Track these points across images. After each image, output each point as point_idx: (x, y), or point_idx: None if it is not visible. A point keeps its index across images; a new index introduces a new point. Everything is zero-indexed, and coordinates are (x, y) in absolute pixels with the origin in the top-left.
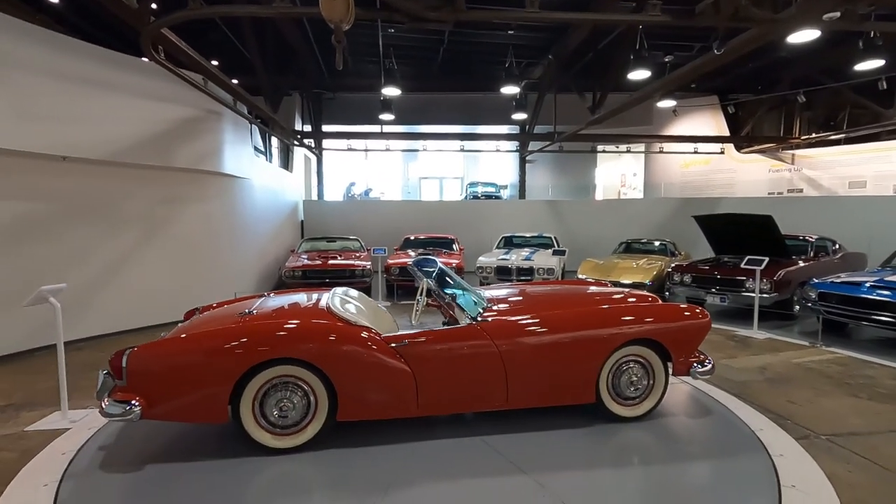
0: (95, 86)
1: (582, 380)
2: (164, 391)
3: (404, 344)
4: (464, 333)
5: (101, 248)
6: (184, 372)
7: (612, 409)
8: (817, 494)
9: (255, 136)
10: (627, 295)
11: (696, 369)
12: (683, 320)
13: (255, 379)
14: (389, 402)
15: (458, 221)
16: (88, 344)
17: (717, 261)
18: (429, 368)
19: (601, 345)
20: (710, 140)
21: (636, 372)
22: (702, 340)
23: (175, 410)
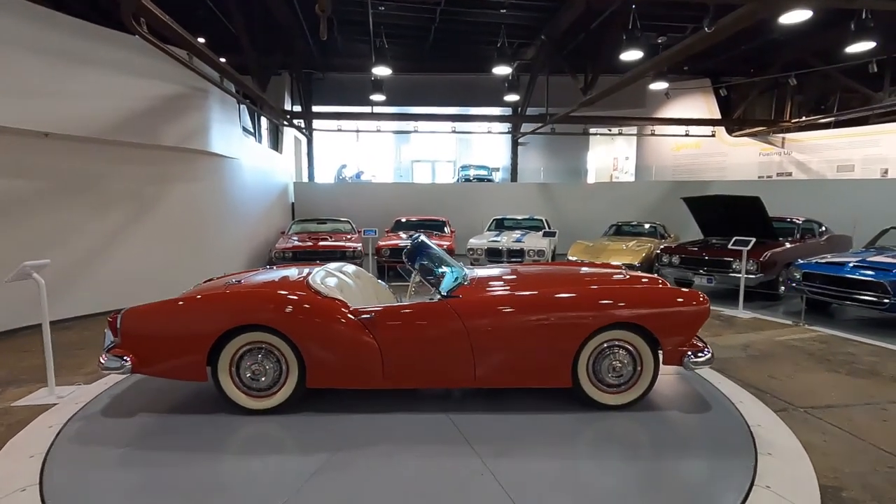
0: (78, 60)
1: (555, 363)
2: (151, 350)
3: (370, 317)
4: (431, 309)
5: (87, 226)
6: (167, 333)
7: (591, 395)
8: (792, 462)
9: (244, 117)
10: (632, 278)
11: (690, 359)
12: (673, 305)
13: (231, 343)
14: (355, 373)
15: (450, 204)
16: (76, 323)
17: (704, 242)
18: (394, 342)
19: (575, 328)
20: (702, 123)
21: (621, 358)
22: (698, 328)
23: (161, 368)
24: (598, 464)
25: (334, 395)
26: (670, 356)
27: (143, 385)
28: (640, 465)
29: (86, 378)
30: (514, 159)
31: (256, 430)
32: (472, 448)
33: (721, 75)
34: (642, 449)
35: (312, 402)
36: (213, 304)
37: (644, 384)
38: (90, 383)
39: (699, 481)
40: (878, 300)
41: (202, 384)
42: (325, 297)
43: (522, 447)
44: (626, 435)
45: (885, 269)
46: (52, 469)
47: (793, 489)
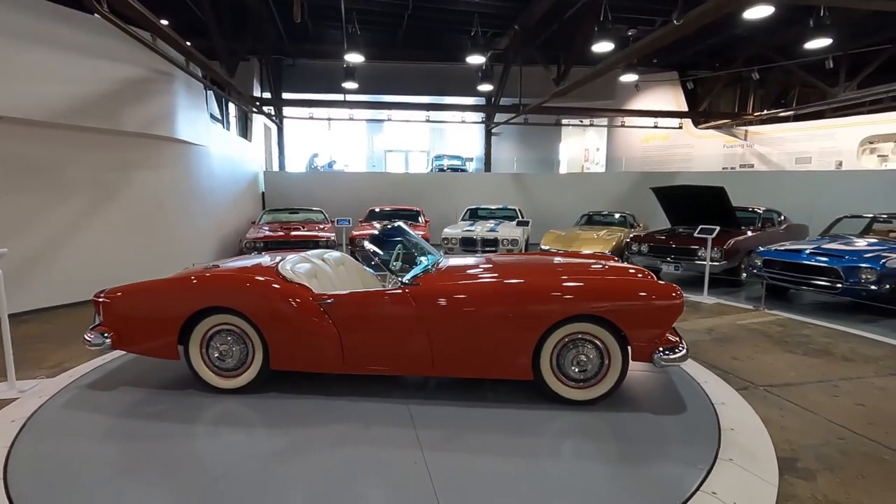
0: (33, 41)
1: (514, 354)
2: (128, 328)
3: (330, 303)
4: (390, 297)
5: (44, 215)
6: (142, 313)
7: (555, 389)
8: (752, 436)
9: (212, 103)
10: (612, 269)
11: (661, 356)
12: (640, 299)
13: (200, 324)
14: (316, 357)
15: (424, 194)
16: (34, 316)
17: (672, 231)
18: (353, 328)
19: (535, 318)
20: (670, 115)
21: (587, 352)
22: (670, 324)
23: (137, 346)
24: (551, 455)
25: (303, 378)
26: (639, 352)
27: (110, 378)
28: (605, 444)
29: (48, 372)
30: (487, 149)
31: (221, 417)
32: (417, 438)
33: (688, 69)
34: (607, 429)
35: (280, 384)
36: (183, 286)
37: (611, 380)
38: (53, 377)
39: (665, 457)
40: (831, 285)
41: (177, 368)
42: (289, 282)
43: (468, 441)
44: (590, 421)
45: (838, 255)
46: (16, 463)
47: (753, 461)
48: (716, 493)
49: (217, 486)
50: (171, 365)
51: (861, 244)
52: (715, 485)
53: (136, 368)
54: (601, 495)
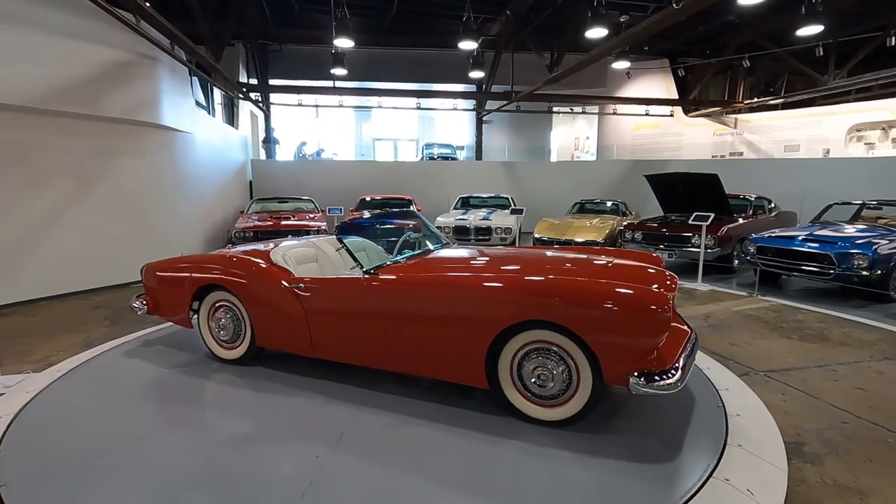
0: (9, 20)
1: (464, 358)
2: (157, 298)
3: (300, 287)
4: (351, 285)
5: (22, 204)
6: (165, 286)
7: (515, 403)
8: (758, 421)
9: (197, 89)
10: (617, 268)
11: (637, 382)
12: (601, 306)
13: (207, 298)
14: (289, 338)
15: (415, 182)
16: (17, 309)
17: (665, 219)
18: (318, 312)
19: (485, 321)
20: (661, 102)
21: (549, 365)
22: (648, 339)
23: (163, 313)
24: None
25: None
26: (611, 372)
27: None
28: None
29: (34, 366)
30: (478, 137)
31: (222, 377)
32: (329, 434)
33: (679, 56)
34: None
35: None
36: (190, 264)
37: (579, 402)
38: (39, 371)
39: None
40: (824, 271)
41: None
42: (273, 265)
43: (379, 447)
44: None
45: (830, 241)
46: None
47: (761, 446)
48: (728, 480)
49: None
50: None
51: (851, 231)
52: (727, 471)
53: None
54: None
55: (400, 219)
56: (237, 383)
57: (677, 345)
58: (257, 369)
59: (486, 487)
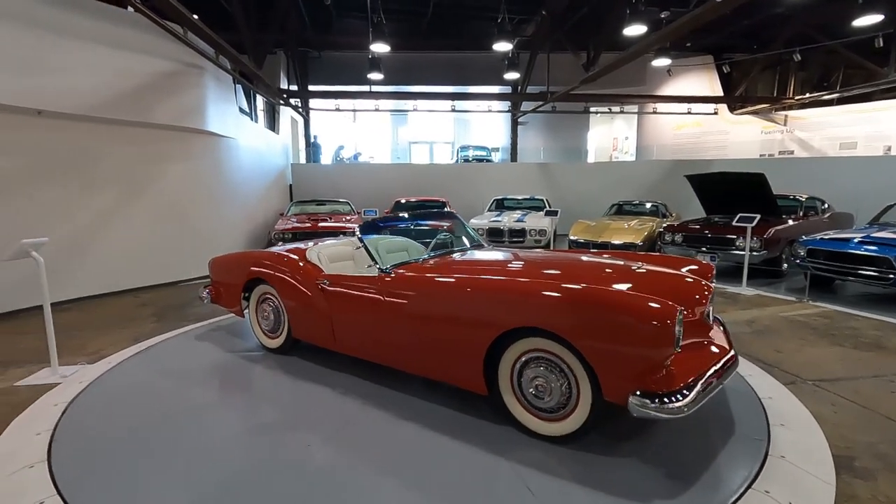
0: (70, 36)
1: (462, 363)
2: (217, 288)
3: (325, 283)
4: (366, 282)
5: (81, 207)
6: (222, 278)
7: (515, 413)
8: (805, 432)
9: (240, 96)
10: (649, 275)
11: (636, 402)
12: (597, 314)
13: (254, 291)
14: (316, 332)
15: (450, 185)
16: (74, 305)
17: (707, 220)
18: (339, 308)
19: (480, 325)
20: (704, 100)
21: (547, 375)
22: (652, 353)
23: (223, 302)
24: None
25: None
26: (610, 388)
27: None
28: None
29: (89, 358)
30: (513, 139)
31: (267, 363)
32: (331, 425)
33: (724, 52)
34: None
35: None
36: (240, 260)
37: (578, 418)
38: (93, 363)
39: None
40: (882, 275)
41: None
42: (307, 261)
43: (370, 443)
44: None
45: (890, 244)
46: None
47: (807, 458)
48: (769, 492)
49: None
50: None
51: None
52: (767, 483)
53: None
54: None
55: (430, 220)
56: (274, 370)
57: (698, 365)
58: (295, 359)
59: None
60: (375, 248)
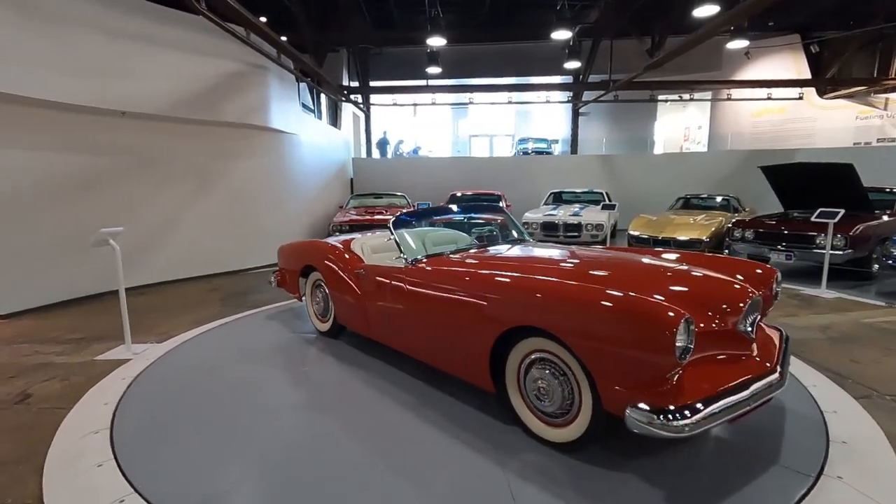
0: (145, 41)
1: (470, 359)
2: (283, 273)
3: (361, 272)
4: (395, 273)
5: (159, 200)
6: (285, 264)
7: (520, 414)
8: (872, 452)
9: (304, 94)
10: (704, 278)
11: (633, 415)
12: (592, 315)
13: (309, 277)
14: (354, 318)
15: (507, 178)
16: (149, 289)
17: (785, 216)
18: (372, 297)
19: (485, 322)
20: (788, 84)
21: (548, 378)
22: (648, 360)
23: (286, 287)
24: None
25: None
26: (608, 397)
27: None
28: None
29: (158, 338)
30: (574, 130)
31: (320, 345)
32: (351, 408)
33: (812, 30)
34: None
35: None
36: (299, 248)
37: (580, 425)
38: (161, 342)
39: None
40: None
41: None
42: (351, 252)
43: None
44: None
45: None
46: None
47: (870, 482)
48: None
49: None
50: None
51: None
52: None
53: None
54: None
55: (473, 213)
56: (323, 352)
57: (716, 381)
58: (342, 343)
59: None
60: (418, 240)
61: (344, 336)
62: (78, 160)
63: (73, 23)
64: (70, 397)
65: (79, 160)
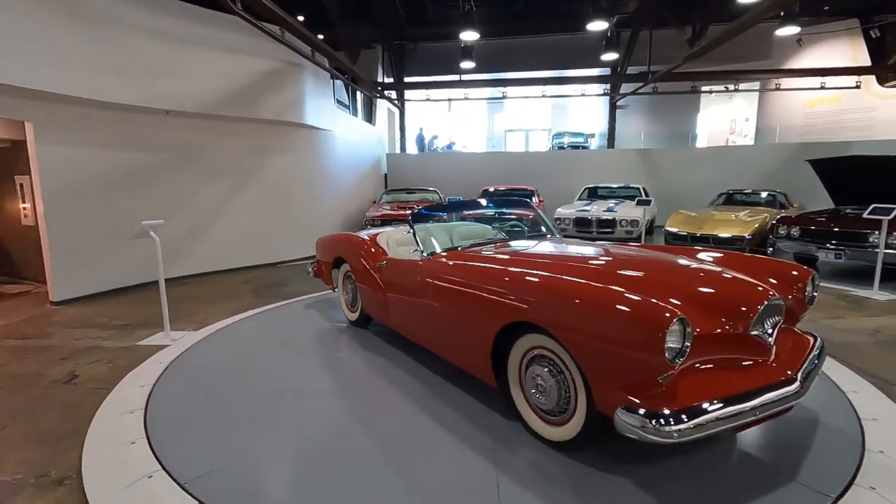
0: (187, 42)
1: (473, 353)
2: (319, 264)
3: (383, 265)
4: (410, 266)
5: (200, 194)
6: (320, 255)
7: (520, 410)
8: None
9: (339, 90)
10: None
11: (622, 417)
12: (581, 309)
13: (341, 268)
14: (377, 309)
15: (542, 173)
16: (193, 280)
17: (836, 212)
18: (391, 289)
19: (487, 317)
20: (845, 72)
21: (545, 375)
22: (643, 363)
23: (322, 277)
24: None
25: None
26: (600, 397)
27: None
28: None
29: (195, 325)
30: (611, 124)
31: (349, 334)
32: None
33: (872, 13)
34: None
35: None
36: (331, 240)
37: (576, 424)
38: (197, 330)
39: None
40: None
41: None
42: (376, 245)
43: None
44: None
45: None
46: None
47: None
48: None
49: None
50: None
51: None
52: None
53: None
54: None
55: (497, 207)
56: (352, 340)
57: (718, 389)
58: (368, 333)
59: None
60: (443, 233)
61: (372, 326)
62: (126, 157)
63: (119, 25)
64: (113, 379)
65: (126, 157)
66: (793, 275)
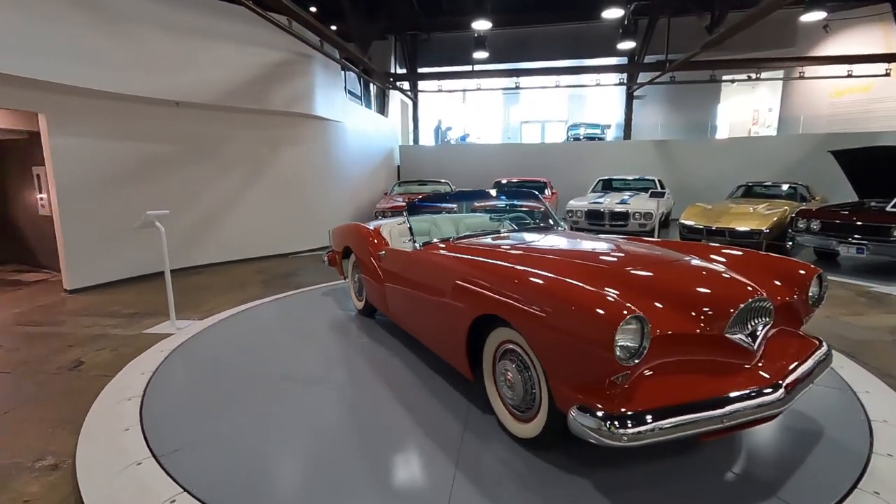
0: (197, 33)
1: (450, 344)
2: (332, 253)
3: (382, 255)
4: (403, 256)
5: (212, 185)
6: (333, 244)
7: (493, 403)
8: None
9: (352, 82)
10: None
11: (576, 418)
12: (541, 302)
13: (350, 258)
14: (377, 298)
15: (557, 165)
16: (205, 269)
17: (859, 205)
18: (388, 278)
19: (460, 310)
20: (873, 59)
21: (513, 369)
22: (593, 361)
23: (335, 266)
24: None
25: None
26: (558, 394)
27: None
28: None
29: (201, 315)
30: (628, 115)
31: (358, 323)
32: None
33: None
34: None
35: None
36: (341, 231)
37: (539, 421)
38: (202, 319)
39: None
40: None
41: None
42: (379, 235)
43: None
44: None
45: None
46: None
47: None
48: None
49: None
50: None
51: None
52: None
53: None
54: None
55: (497, 200)
56: (359, 329)
57: (681, 392)
58: (372, 322)
59: None
60: (449, 224)
61: (378, 315)
62: (137, 148)
63: (131, 17)
64: (117, 366)
65: (138, 148)
66: (800, 274)
